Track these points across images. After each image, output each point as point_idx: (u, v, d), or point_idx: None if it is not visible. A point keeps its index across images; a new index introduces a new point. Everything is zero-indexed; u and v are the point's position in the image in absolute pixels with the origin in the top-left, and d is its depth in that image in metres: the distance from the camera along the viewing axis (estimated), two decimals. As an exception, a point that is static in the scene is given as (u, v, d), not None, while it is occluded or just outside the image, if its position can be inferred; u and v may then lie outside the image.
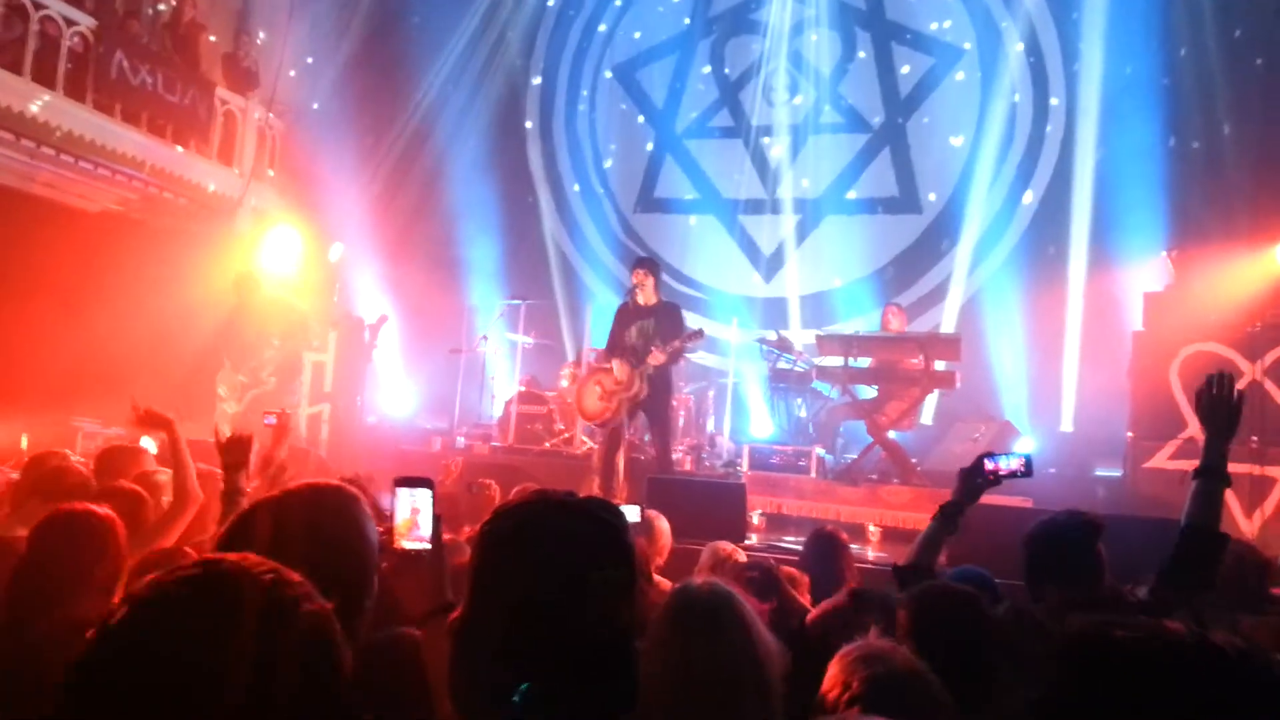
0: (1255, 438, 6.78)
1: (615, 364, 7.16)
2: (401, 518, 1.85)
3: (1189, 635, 0.88)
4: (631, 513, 3.28)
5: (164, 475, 4.38)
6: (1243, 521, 6.57)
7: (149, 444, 5.75)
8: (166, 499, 3.96)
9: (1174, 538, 2.88)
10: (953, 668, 2.08)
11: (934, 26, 11.65)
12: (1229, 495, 6.66)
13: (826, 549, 4.49)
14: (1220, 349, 7.12)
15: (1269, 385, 6.91)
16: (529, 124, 13.30)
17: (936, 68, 11.57)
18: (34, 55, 8.96)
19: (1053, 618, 2.74)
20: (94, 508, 2.73)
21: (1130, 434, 7.38)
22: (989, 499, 6.64)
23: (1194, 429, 7.03)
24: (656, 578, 4.04)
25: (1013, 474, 3.19)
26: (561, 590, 1.39)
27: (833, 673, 2.06)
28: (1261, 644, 1.57)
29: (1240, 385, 6.80)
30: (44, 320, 8.89)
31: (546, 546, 1.43)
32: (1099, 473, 8.25)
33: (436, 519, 1.85)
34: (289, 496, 1.75)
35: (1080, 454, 8.80)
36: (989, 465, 3.19)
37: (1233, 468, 6.76)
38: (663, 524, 4.48)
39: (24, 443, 7.29)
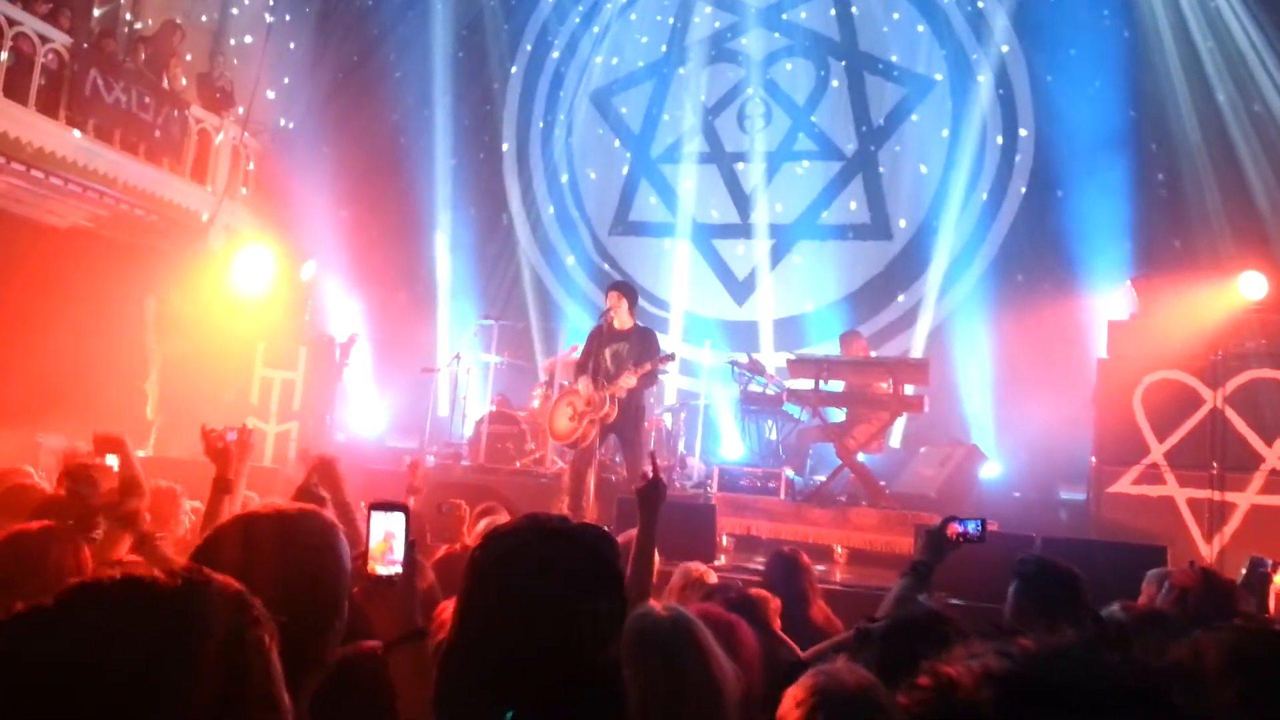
0: (1215, 464, 6.90)
1: (581, 381, 7.18)
2: (375, 542, 1.84)
3: (1013, 666, 0.88)
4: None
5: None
6: (1203, 546, 6.66)
7: (113, 461, 5.71)
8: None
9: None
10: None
11: (906, 58, 11.83)
12: (1190, 521, 6.82)
13: (788, 570, 4.52)
14: (1183, 376, 7.25)
15: (1229, 413, 7.03)
16: (505, 146, 13.34)
17: (908, 98, 11.75)
18: (7, 71, 8.94)
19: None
20: (54, 526, 2.70)
21: (1094, 459, 7.48)
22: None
23: (1157, 455, 7.15)
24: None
25: (974, 538, 3.31)
26: (552, 620, 1.38)
27: (789, 691, 2.08)
28: (1206, 659, 1.60)
29: (1202, 413, 6.97)
30: (11, 335, 8.80)
31: (536, 573, 1.42)
32: (1063, 496, 8.34)
33: (410, 544, 1.84)
34: (260, 517, 1.75)
35: (1045, 478, 8.89)
36: (955, 529, 3.30)
37: (1194, 494, 6.92)
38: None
39: (-14, 458, 7.19)
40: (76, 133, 9.51)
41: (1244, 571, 5.22)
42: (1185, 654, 1.66)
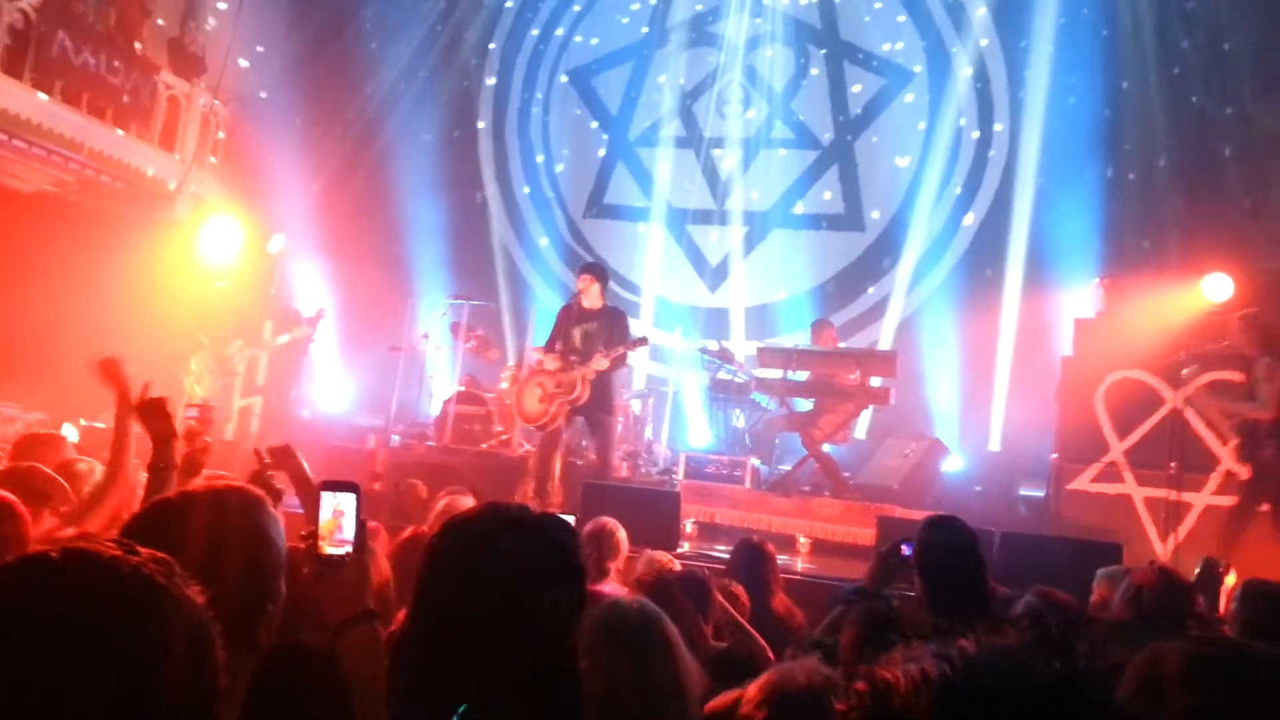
0: (1174, 464, 7.00)
1: (548, 358, 7.13)
2: (324, 521, 1.82)
3: (944, 669, 0.90)
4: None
5: (84, 465, 4.28)
6: (1158, 545, 6.77)
7: (70, 432, 5.64)
8: (87, 489, 3.87)
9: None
10: None
11: (886, 48, 11.84)
12: (1146, 520, 6.92)
13: (753, 559, 4.54)
14: (1145, 376, 7.34)
15: (1189, 413, 7.13)
16: (481, 124, 13.22)
17: (887, 89, 11.77)
18: (-30, 30, 8.72)
19: None
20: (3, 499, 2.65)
21: (1055, 455, 7.57)
22: (915, 514, 6.76)
23: (1116, 453, 7.25)
24: (615, 583, 4.06)
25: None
26: (510, 610, 1.37)
27: (750, 687, 2.09)
28: (1164, 669, 1.61)
29: (1162, 413, 7.07)
30: (-32, 301, 8.63)
31: (497, 564, 1.40)
32: (1023, 492, 8.44)
33: (360, 524, 1.80)
34: (191, 496, 1.72)
35: (1006, 473, 9.00)
36: (906, 551, 3.29)
37: (1151, 493, 7.01)
38: (621, 534, 4.46)
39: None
40: (43, 95, 9.30)
41: (1197, 571, 5.31)
42: (1144, 662, 1.68)
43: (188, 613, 1.01)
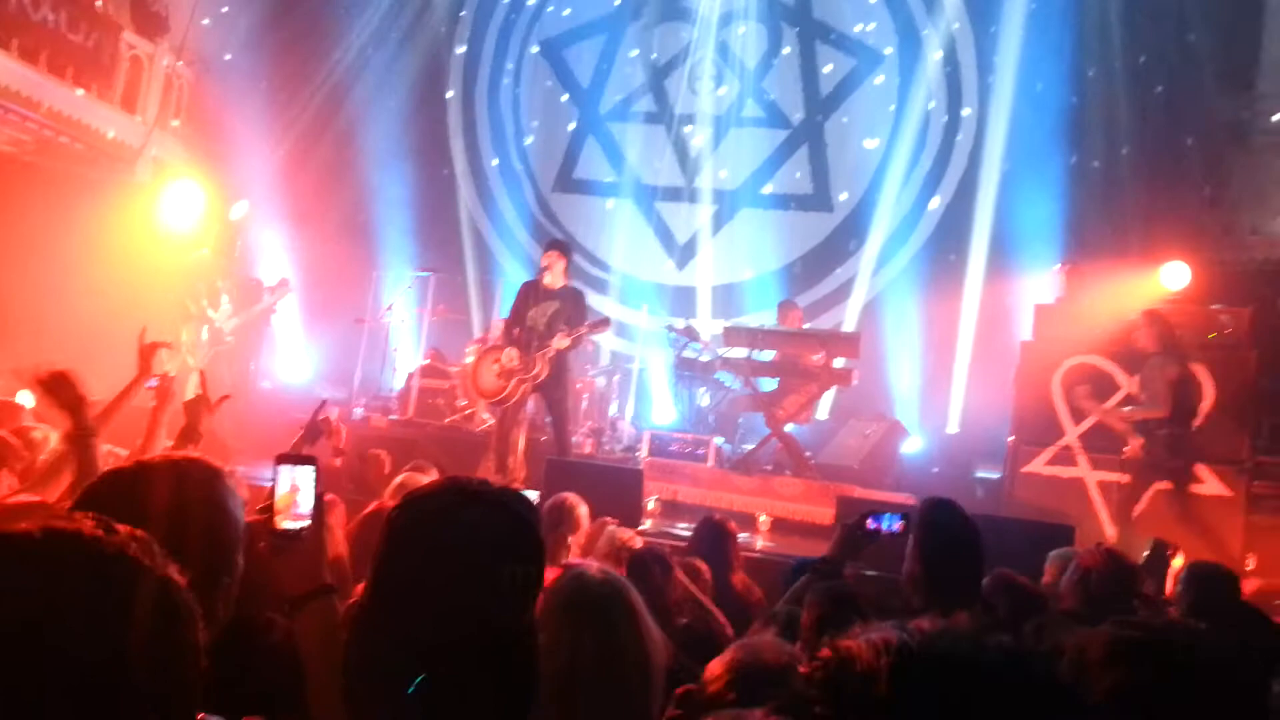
0: (1125, 448, 7.13)
1: (507, 352, 7.11)
2: (280, 494, 1.81)
3: (898, 642, 0.95)
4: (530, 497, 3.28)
5: (39, 432, 4.23)
6: (1109, 527, 6.91)
7: (26, 398, 5.55)
8: (43, 457, 3.82)
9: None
10: None
11: (858, 29, 11.84)
12: (1099, 503, 7.07)
13: (715, 537, 4.59)
14: (1101, 361, 7.47)
15: (1143, 399, 7.26)
16: (450, 94, 13.06)
17: (858, 69, 11.78)
18: (-78, -18, 8.47)
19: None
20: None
21: (1011, 438, 7.69)
22: (874, 494, 6.85)
23: (1071, 437, 7.38)
24: (576, 559, 4.08)
25: (891, 534, 3.33)
26: (468, 584, 1.38)
27: (710, 664, 2.12)
28: (1091, 654, 1.68)
29: (1117, 398, 7.19)
30: (-80, 262, 8.44)
31: (456, 538, 1.41)
32: (979, 474, 8.57)
33: (318, 498, 1.79)
34: (147, 466, 1.72)
35: (963, 455, 9.13)
36: (871, 525, 3.32)
37: (1104, 476, 7.14)
38: (582, 509, 4.48)
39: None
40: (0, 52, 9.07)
41: (1146, 554, 5.44)
42: (1072, 646, 1.75)
43: (169, 593, 1.02)
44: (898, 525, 3.33)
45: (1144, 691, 1.56)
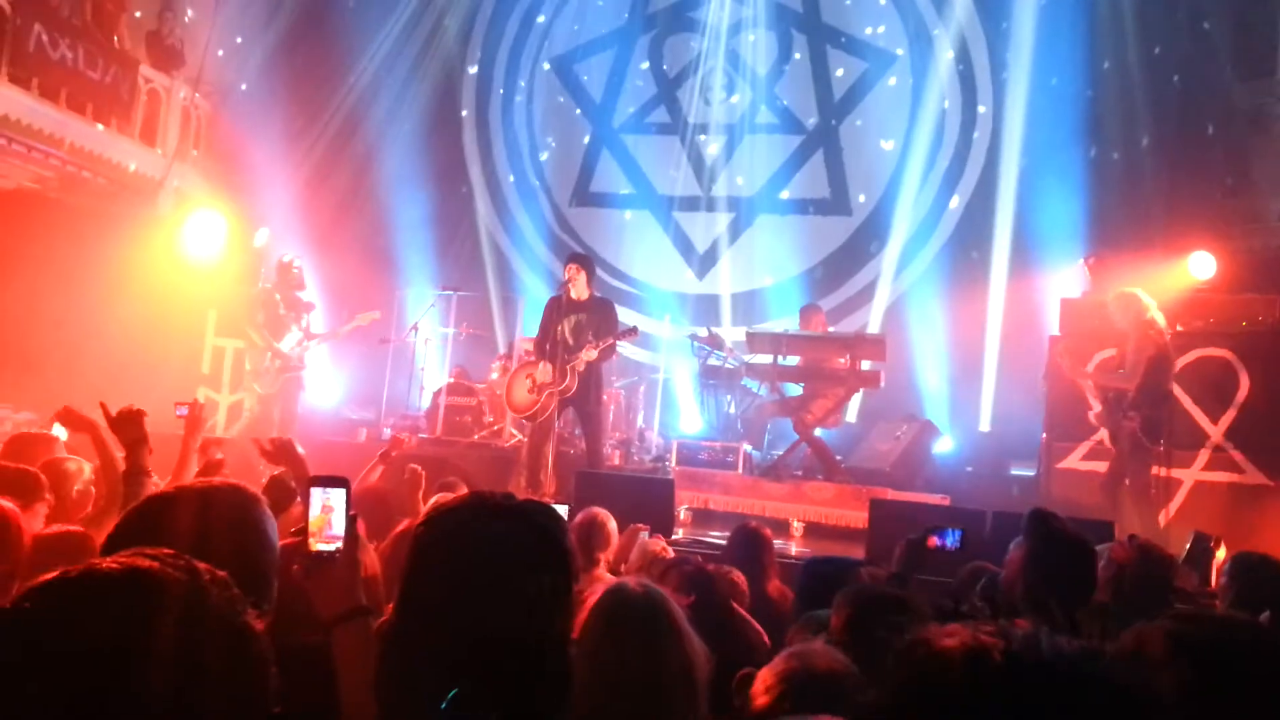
0: (1162, 440, 7.04)
1: (541, 366, 7.13)
2: (313, 517, 1.81)
3: (1017, 645, 0.91)
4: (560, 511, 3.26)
5: (73, 464, 4.25)
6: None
7: (60, 432, 5.59)
8: (77, 488, 3.84)
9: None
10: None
11: (868, 31, 11.83)
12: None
13: (751, 544, 4.55)
14: (1133, 354, 7.37)
15: (1177, 391, 7.17)
16: (464, 113, 13.15)
17: (870, 72, 11.76)
18: (-55, 26, 8.60)
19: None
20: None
21: (1045, 435, 7.61)
22: (907, 496, 6.79)
23: (1105, 433, 7.29)
24: (604, 573, 4.06)
25: (948, 550, 3.37)
26: (496, 597, 1.37)
27: (760, 674, 2.10)
28: (1148, 648, 1.64)
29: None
30: (-49, 300, 8.56)
31: (482, 552, 1.41)
32: (1014, 472, 8.49)
33: (351, 519, 1.79)
34: (185, 493, 1.72)
35: (997, 453, 9.05)
36: (937, 541, 3.34)
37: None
38: (612, 524, 4.46)
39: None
40: (20, 90, 9.20)
41: (1188, 547, 5.36)
42: (1129, 641, 1.70)
43: (244, 638, 1.03)
44: (958, 541, 3.33)
45: (1210, 689, 1.51)
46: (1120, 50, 10.05)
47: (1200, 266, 7.81)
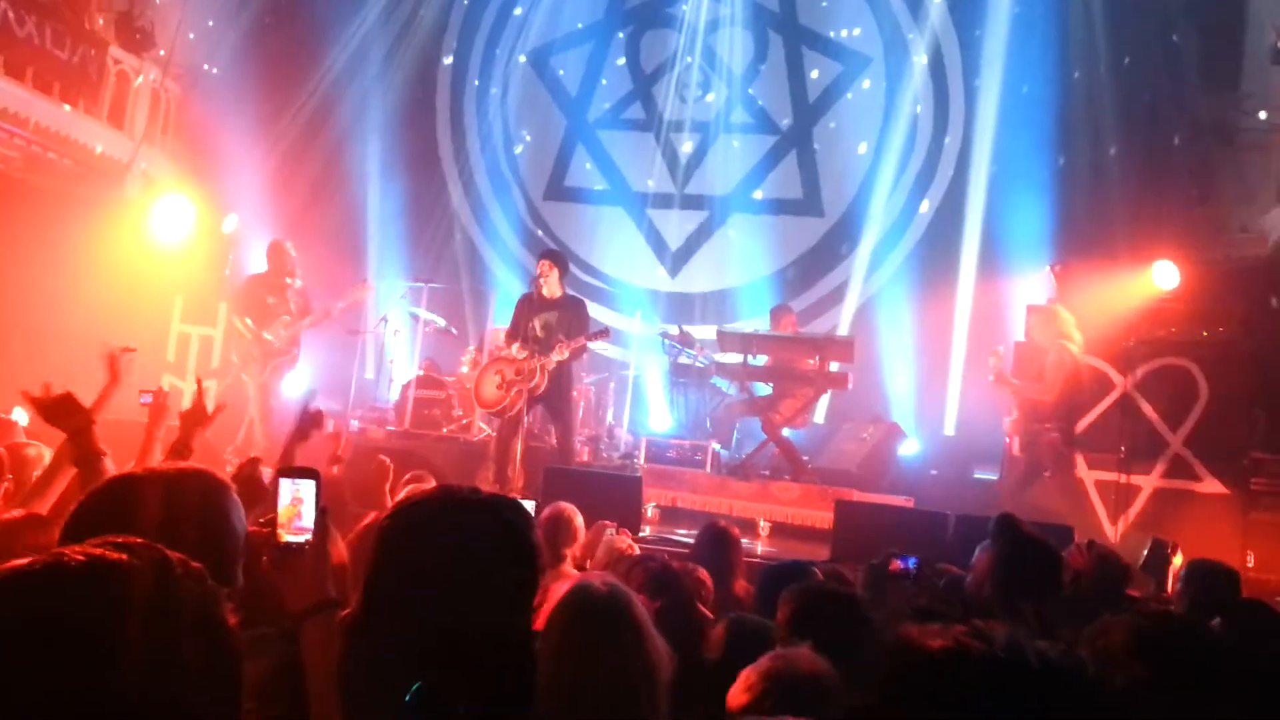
0: (1124, 447, 7.17)
1: (515, 347, 7.12)
2: (282, 508, 1.80)
3: (1001, 649, 0.93)
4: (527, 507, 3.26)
5: (33, 449, 4.20)
6: (1107, 527, 6.93)
7: (20, 416, 5.51)
8: (36, 473, 3.79)
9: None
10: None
11: (844, 34, 11.89)
12: (1096, 500, 7.09)
13: (718, 543, 4.57)
14: (1095, 361, 7.50)
15: (1138, 398, 7.30)
16: (439, 103, 13.07)
17: (844, 75, 11.82)
18: (-92, -1, 8.43)
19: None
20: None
21: (1008, 440, 7.70)
22: (872, 497, 6.85)
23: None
24: (570, 569, 4.06)
25: (909, 575, 3.46)
26: (461, 590, 1.38)
27: (743, 673, 2.11)
28: (1112, 643, 1.67)
29: (1112, 397, 7.24)
30: (-91, 281, 8.39)
31: (447, 544, 1.41)
32: (978, 475, 8.59)
33: (321, 511, 1.79)
34: (150, 476, 1.70)
35: (961, 457, 9.14)
36: (901, 566, 3.43)
37: (1101, 476, 7.20)
38: (578, 520, 4.46)
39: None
40: (-16, 68, 9.04)
41: (1146, 553, 5.46)
42: (1093, 634, 1.74)
43: (217, 629, 1.01)
44: (916, 567, 3.46)
45: (1173, 681, 1.55)
46: (1090, 60, 10.17)
47: (1164, 276, 7.94)
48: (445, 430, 9.03)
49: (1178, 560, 5.07)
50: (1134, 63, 10.05)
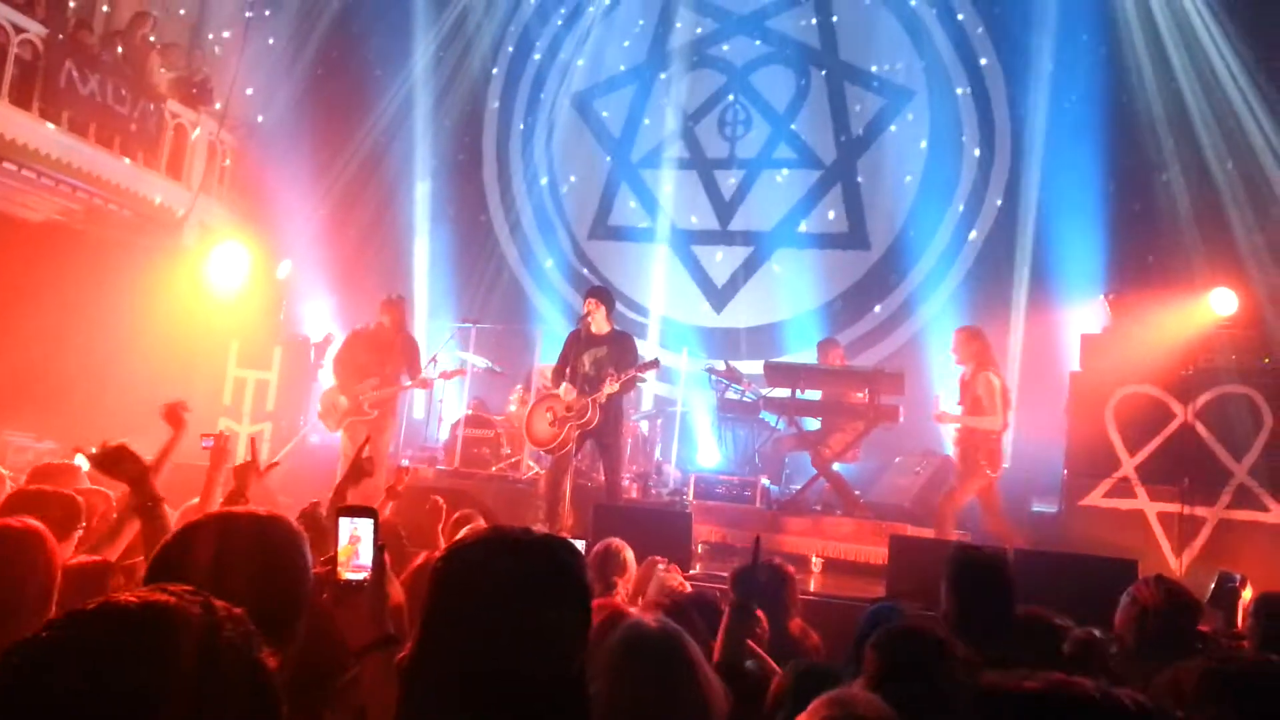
0: (1186, 478, 6.98)
1: (564, 387, 7.14)
2: (341, 547, 1.83)
3: (1095, 691, 0.92)
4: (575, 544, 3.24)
5: (98, 494, 4.28)
6: (1171, 560, 6.74)
7: (81, 461, 5.64)
8: (102, 519, 3.87)
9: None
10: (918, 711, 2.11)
11: (886, 68, 11.90)
12: (1160, 535, 6.90)
13: (773, 581, 4.51)
14: (1154, 391, 7.34)
15: (1199, 428, 7.12)
16: (485, 148, 13.30)
17: (887, 108, 11.82)
18: (-20, 62, 8.81)
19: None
20: (17, 521, 2.65)
21: (1066, 472, 7.55)
22: (926, 532, 6.74)
23: (1128, 468, 7.23)
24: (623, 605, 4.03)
25: None
26: (515, 632, 1.38)
27: (799, 718, 2.07)
28: (1184, 687, 1.63)
29: (1172, 427, 7.07)
30: (-21, 330, 8.67)
31: (500, 587, 1.41)
32: (1035, 509, 8.41)
33: (379, 549, 1.82)
34: (231, 521, 1.73)
35: (1017, 490, 8.95)
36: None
37: (1164, 508, 7.01)
38: (628, 554, 4.45)
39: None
40: (50, 125, 9.38)
41: (1213, 586, 5.29)
42: (1165, 681, 1.69)
43: (258, 679, 1.03)
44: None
45: None
46: (1140, 84, 10.06)
47: (1222, 303, 7.77)
48: (494, 469, 9.08)
49: (1247, 594, 4.91)
50: (1187, 84, 9.91)
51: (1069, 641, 3.34)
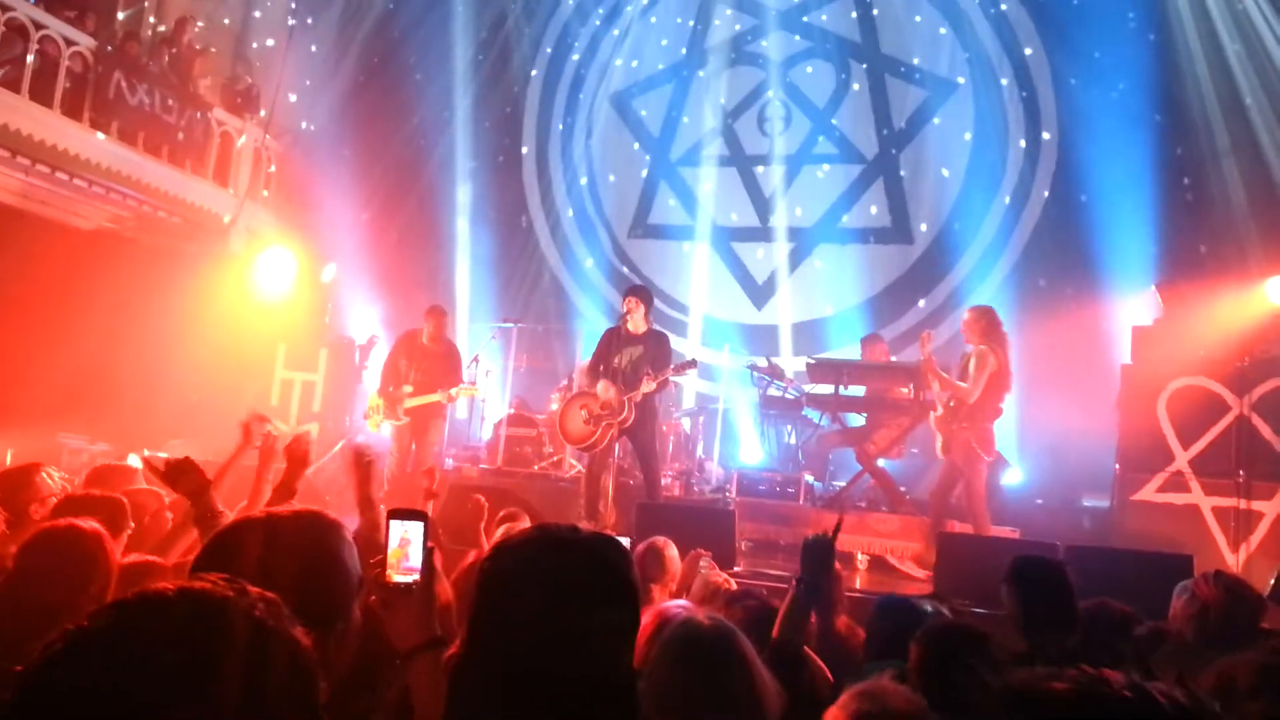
0: (1242, 472, 6.81)
1: (601, 384, 7.13)
2: (391, 549, 1.84)
3: (1127, 688, 0.89)
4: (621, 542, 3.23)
5: (152, 496, 4.36)
6: (1229, 555, 6.58)
7: (135, 462, 5.75)
8: (151, 519, 3.94)
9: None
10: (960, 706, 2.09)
11: (928, 60, 11.76)
12: (1216, 530, 6.74)
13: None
14: (1208, 383, 7.16)
15: (1256, 420, 6.94)
16: (525, 149, 13.37)
17: (930, 100, 11.68)
18: (32, 74, 9.02)
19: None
20: (79, 523, 2.70)
21: (1118, 466, 7.40)
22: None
23: (1181, 462, 7.07)
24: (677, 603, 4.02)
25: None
26: (563, 632, 1.37)
27: (831, 712, 2.05)
28: (1240, 681, 1.58)
29: (1227, 420, 6.90)
30: (34, 336, 8.89)
31: (548, 587, 1.41)
32: (1086, 503, 8.25)
33: (428, 551, 1.82)
34: (274, 519, 1.75)
35: (1067, 485, 8.81)
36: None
37: (1219, 502, 6.85)
38: (672, 551, 4.43)
39: (8, 459, 7.26)
40: (101, 135, 9.59)
41: (1272, 582, 5.16)
42: (1218, 673, 1.65)
43: (294, 655, 1.04)
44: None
45: None
46: (1190, 73, 9.85)
47: (1278, 292, 7.57)
48: (537, 467, 9.11)
49: (1309, 589, 4.78)
50: (1240, 69, 9.68)
51: (1140, 631, 3.40)
